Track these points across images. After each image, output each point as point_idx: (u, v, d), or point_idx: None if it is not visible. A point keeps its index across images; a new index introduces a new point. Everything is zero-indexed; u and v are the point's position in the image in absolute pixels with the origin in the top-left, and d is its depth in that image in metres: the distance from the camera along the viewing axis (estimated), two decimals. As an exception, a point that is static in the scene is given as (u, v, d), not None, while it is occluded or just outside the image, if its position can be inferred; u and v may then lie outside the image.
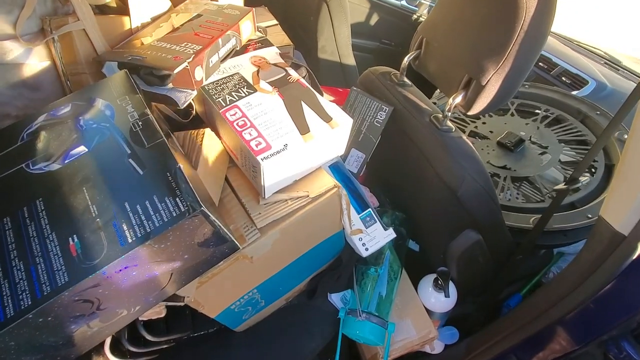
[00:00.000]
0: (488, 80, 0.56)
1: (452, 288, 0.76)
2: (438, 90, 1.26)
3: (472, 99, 0.59)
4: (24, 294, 0.31)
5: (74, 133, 0.40)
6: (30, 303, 0.30)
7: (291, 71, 0.62)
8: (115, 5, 0.61)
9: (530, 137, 0.99)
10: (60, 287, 0.31)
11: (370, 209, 0.71)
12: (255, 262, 0.57)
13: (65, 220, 0.34)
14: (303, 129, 0.55)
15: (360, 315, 0.70)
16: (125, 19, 0.60)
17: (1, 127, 0.48)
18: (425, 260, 0.87)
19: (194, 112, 0.66)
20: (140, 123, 0.40)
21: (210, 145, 0.57)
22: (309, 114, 0.57)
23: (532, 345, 0.62)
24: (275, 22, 1.18)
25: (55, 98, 0.49)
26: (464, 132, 1.03)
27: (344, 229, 0.68)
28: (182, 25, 0.60)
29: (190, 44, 0.54)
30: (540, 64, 1.38)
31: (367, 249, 0.69)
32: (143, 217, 0.34)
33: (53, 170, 0.38)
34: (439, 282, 0.75)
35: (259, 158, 0.51)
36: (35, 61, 0.51)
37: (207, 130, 0.58)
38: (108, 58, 0.52)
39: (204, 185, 0.51)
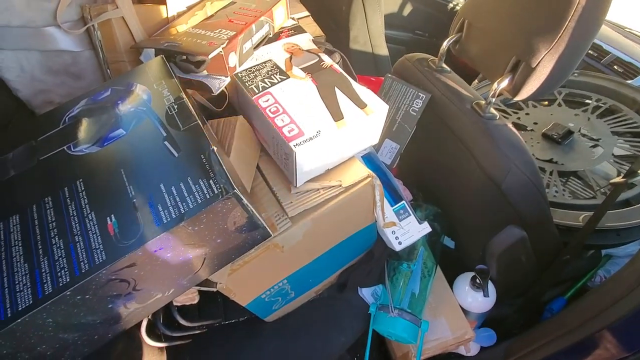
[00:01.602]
0: (539, 62, 0.51)
1: (491, 287, 0.71)
2: (476, 81, 1.20)
3: (520, 82, 0.54)
4: (62, 271, 0.32)
5: (113, 117, 0.41)
6: (68, 280, 0.31)
7: (324, 57, 0.60)
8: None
9: (580, 128, 0.92)
10: (97, 265, 0.31)
11: (404, 202, 0.68)
12: (286, 252, 0.56)
13: (103, 201, 0.35)
14: (337, 115, 0.53)
15: (392, 312, 0.68)
16: (162, 7, 0.60)
17: (43, 111, 0.50)
18: (461, 258, 0.82)
19: (227, 100, 0.66)
20: (175, 106, 0.40)
21: (243, 133, 0.57)
22: (342, 100, 0.55)
23: (577, 352, 0.57)
24: (306, 13, 1.16)
25: (96, 86, 0.50)
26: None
27: (376, 221, 0.65)
28: (216, 12, 0.60)
29: (224, 30, 0.53)
30: (589, 51, 1.28)
31: (400, 243, 0.67)
32: (178, 199, 0.33)
33: (93, 152, 0.39)
34: (477, 280, 0.71)
35: (291, 144, 0.49)
36: (76, 49, 0.53)
37: (240, 118, 0.58)
38: (145, 45, 0.53)
39: (236, 172, 0.51)
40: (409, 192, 0.84)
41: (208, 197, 0.33)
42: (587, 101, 0.99)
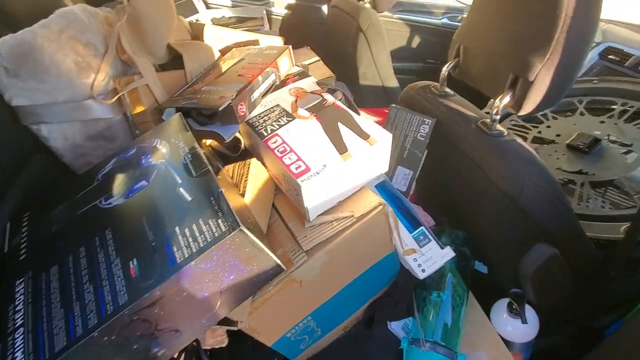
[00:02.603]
0: (536, 76, 0.52)
1: (530, 313, 0.66)
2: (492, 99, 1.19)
3: (521, 97, 0.55)
4: (91, 314, 0.35)
5: (137, 170, 0.46)
6: (96, 322, 0.34)
7: (327, 96, 0.64)
8: (173, 62, 0.71)
9: (609, 135, 0.88)
10: (121, 307, 0.34)
11: (423, 227, 0.67)
12: (305, 286, 0.57)
13: (127, 246, 0.39)
14: (341, 148, 0.56)
15: (424, 346, 0.65)
16: (181, 72, 0.69)
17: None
18: (495, 282, 0.78)
19: (242, 146, 0.71)
20: (190, 156, 0.45)
21: (257, 174, 0.61)
22: (346, 133, 0.58)
23: None
24: (317, 58, 1.25)
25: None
26: (525, 139, 0.95)
27: (396, 249, 0.65)
28: (227, 69, 0.67)
29: (234, 84, 0.59)
30: (610, 56, 1.25)
31: (423, 271, 0.65)
32: (190, 239, 0.36)
33: (120, 204, 0.43)
34: (514, 306, 0.66)
35: (298, 180, 0.52)
36: (110, 115, 0.61)
37: (253, 160, 0.62)
38: (166, 105, 0.60)
39: (251, 212, 0.54)
40: (431, 218, 0.82)
41: (217, 234, 0.36)
42: (612, 107, 0.95)
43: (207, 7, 1.20)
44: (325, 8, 1.62)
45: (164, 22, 0.64)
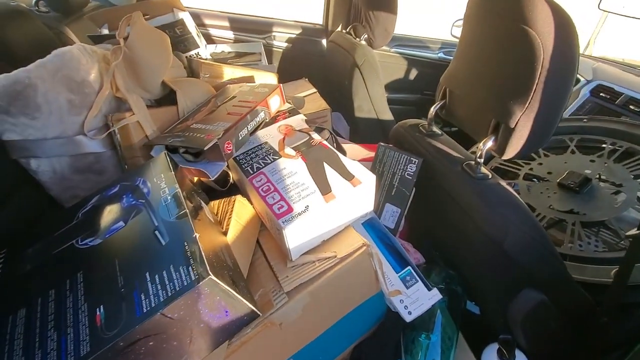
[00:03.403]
0: (517, 123, 0.52)
1: (520, 358, 0.64)
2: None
3: (503, 142, 0.55)
4: (51, 365, 0.34)
5: (117, 210, 0.46)
6: (56, 373, 0.33)
7: (314, 135, 0.65)
8: (168, 97, 0.73)
9: (599, 175, 0.88)
10: (81, 358, 0.33)
11: (410, 267, 0.66)
12: (286, 329, 0.55)
13: (96, 291, 0.38)
14: (324, 189, 0.56)
15: (411, 392, 0.62)
16: (174, 108, 0.70)
17: (70, 205, 0.57)
18: (487, 324, 0.76)
19: (231, 180, 0.71)
20: (169, 198, 0.45)
21: (241, 211, 0.61)
22: (330, 173, 0.58)
23: None
24: (314, 90, 1.29)
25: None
26: (517, 175, 0.95)
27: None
28: (218, 107, 0.68)
29: (222, 123, 0.60)
30: (602, 94, 1.27)
31: (410, 313, 0.63)
32: (159, 287, 0.36)
33: (95, 244, 0.43)
34: (504, 353, 0.64)
35: (280, 221, 0.52)
36: (100, 150, 0.62)
37: (239, 197, 0.62)
38: (155, 142, 0.61)
39: (232, 252, 0.54)
40: (420, 255, 0.81)
41: (185, 283, 0.35)
42: (603, 145, 0.96)
43: (209, 42, 1.25)
44: (324, 42, 1.68)
45: (159, 62, 0.66)
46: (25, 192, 0.61)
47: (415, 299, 0.64)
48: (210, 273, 0.35)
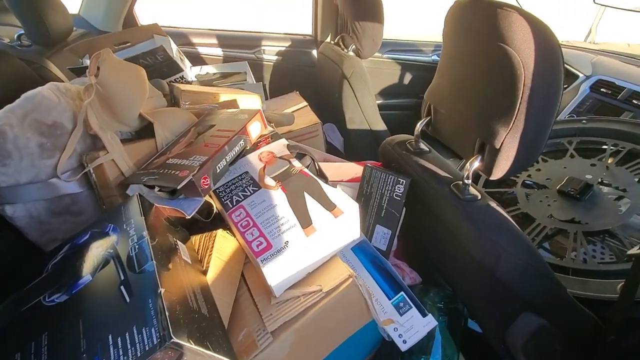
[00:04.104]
0: (502, 143, 0.50)
1: (525, 385, 0.60)
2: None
3: (490, 163, 0.52)
4: None
5: (85, 262, 0.45)
6: None
7: (295, 162, 0.63)
8: (146, 129, 0.71)
9: (601, 179, 0.84)
10: None
11: (403, 292, 0.64)
12: (273, 369, 0.53)
13: (59, 357, 0.36)
14: (305, 222, 0.54)
15: None
16: (152, 140, 0.69)
17: (49, 249, 0.56)
18: (489, 343, 0.72)
19: (215, 210, 0.69)
20: (137, 247, 0.43)
21: (222, 246, 0.59)
22: (311, 204, 0.56)
23: None
24: (304, 104, 1.27)
25: (95, 218, 0.56)
26: (515, 183, 0.91)
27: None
28: (196, 138, 0.67)
29: (197, 157, 0.59)
30: (602, 90, 1.22)
31: (405, 342, 0.61)
32: (121, 352, 0.34)
33: (62, 302, 0.41)
34: (507, 378, 0.61)
35: (259, 260, 0.50)
36: (76, 190, 0.60)
37: (219, 232, 0.60)
38: (129, 181, 0.59)
39: (213, 291, 0.52)
40: (417, 274, 0.78)
41: (147, 348, 0.33)
42: (604, 147, 0.92)
43: (197, 61, 1.24)
44: (315, 52, 1.66)
45: (134, 95, 0.65)
46: (5, 237, 0.60)
47: (410, 327, 0.61)
48: (172, 336, 0.33)
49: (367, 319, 0.61)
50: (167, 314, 0.35)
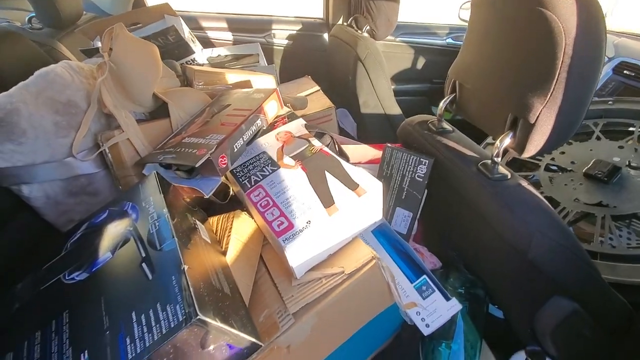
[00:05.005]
0: (538, 117, 0.47)
1: (551, 371, 0.59)
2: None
3: (523, 139, 0.49)
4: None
5: (105, 240, 0.44)
6: None
7: (314, 141, 0.61)
8: (161, 109, 0.70)
9: (629, 162, 0.80)
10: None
11: (425, 276, 0.62)
12: (294, 352, 0.52)
13: (82, 334, 0.35)
14: (327, 201, 0.52)
15: (432, 409, 0.58)
16: (167, 120, 0.67)
17: (66, 229, 0.55)
18: (513, 330, 0.70)
19: (231, 192, 0.68)
20: (157, 224, 0.42)
21: (241, 228, 0.57)
22: (333, 183, 0.54)
23: None
24: (317, 88, 1.24)
25: (112, 199, 0.55)
26: (538, 166, 0.88)
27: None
28: (212, 117, 0.65)
29: (215, 135, 0.57)
30: (625, 72, 1.18)
31: (427, 325, 0.59)
32: (145, 329, 0.33)
33: (82, 279, 0.41)
34: (533, 364, 0.59)
35: (280, 240, 0.48)
36: (92, 171, 0.59)
37: (237, 212, 0.58)
38: (146, 161, 0.58)
39: (231, 274, 0.50)
40: (437, 259, 0.76)
41: (173, 325, 0.32)
42: (631, 129, 0.88)
43: (207, 45, 1.22)
44: (326, 36, 1.62)
45: (148, 73, 0.63)
46: (22, 218, 0.59)
47: (433, 310, 0.60)
48: (198, 313, 0.32)
49: (389, 302, 0.59)
50: (191, 290, 0.33)
